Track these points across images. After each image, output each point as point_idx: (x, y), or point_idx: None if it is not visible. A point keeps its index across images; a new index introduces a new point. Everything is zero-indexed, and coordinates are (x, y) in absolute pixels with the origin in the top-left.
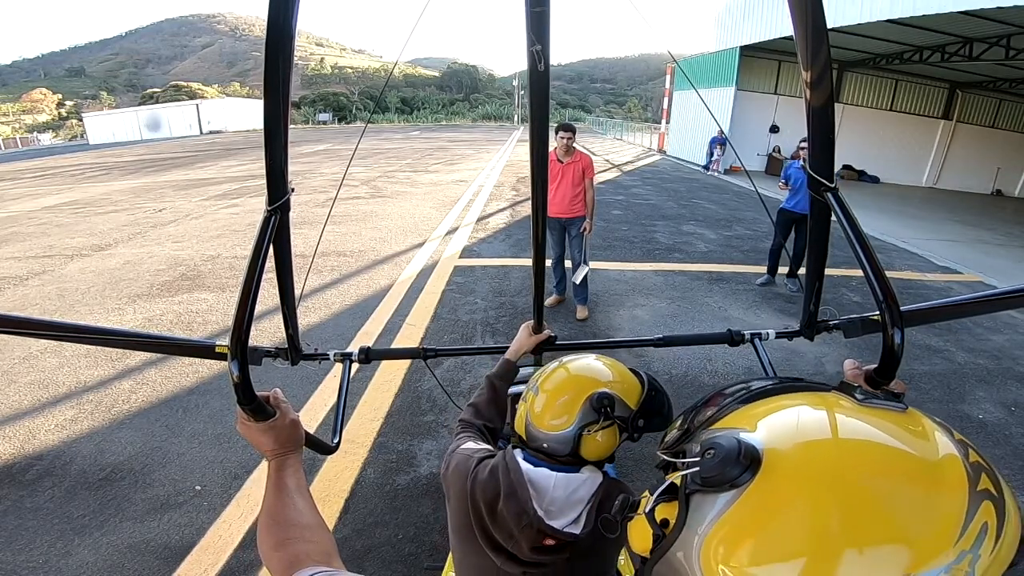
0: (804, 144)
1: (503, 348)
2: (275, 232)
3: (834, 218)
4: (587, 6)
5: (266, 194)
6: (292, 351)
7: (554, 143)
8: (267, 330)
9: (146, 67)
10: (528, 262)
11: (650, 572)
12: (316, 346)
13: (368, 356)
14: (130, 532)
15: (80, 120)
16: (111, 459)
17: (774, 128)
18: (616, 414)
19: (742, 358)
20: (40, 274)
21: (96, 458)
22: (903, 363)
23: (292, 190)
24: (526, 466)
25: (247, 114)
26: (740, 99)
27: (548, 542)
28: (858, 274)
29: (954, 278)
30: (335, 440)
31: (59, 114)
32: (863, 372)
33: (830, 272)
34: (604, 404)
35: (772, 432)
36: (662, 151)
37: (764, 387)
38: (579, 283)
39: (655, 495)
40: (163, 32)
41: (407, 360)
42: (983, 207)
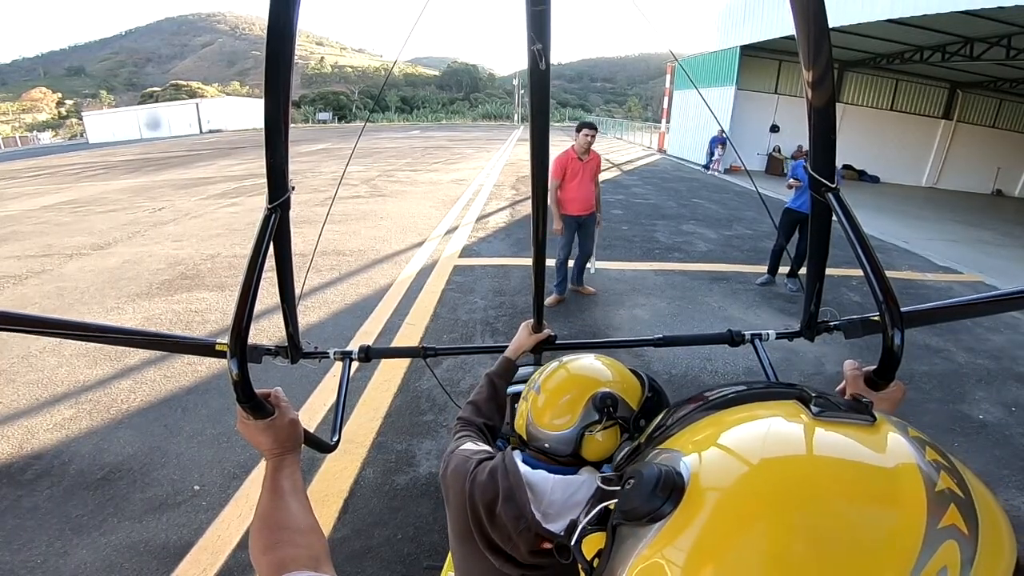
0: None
1: (503, 347)
2: (275, 230)
3: (834, 218)
4: (588, 5)
5: (266, 192)
6: (292, 349)
7: (573, 141)
8: (267, 329)
9: (146, 66)
10: (528, 261)
11: None
12: (316, 345)
13: (368, 355)
14: (128, 532)
15: (80, 119)
16: (110, 459)
17: (774, 128)
18: (618, 414)
19: (742, 358)
20: (39, 273)
21: (95, 457)
22: (903, 363)
23: (292, 188)
24: (524, 468)
25: (247, 113)
26: (740, 99)
27: (546, 545)
28: (858, 274)
29: (955, 278)
30: (334, 439)
31: (59, 113)
32: (863, 373)
33: (830, 272)
34: (606, 404)
35: (706, 455)
36: (662, 150)
37: (718, 399)
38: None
39: (581, 524)
40: (163, 31)
41: (407, 359)
42: (984, 207)
